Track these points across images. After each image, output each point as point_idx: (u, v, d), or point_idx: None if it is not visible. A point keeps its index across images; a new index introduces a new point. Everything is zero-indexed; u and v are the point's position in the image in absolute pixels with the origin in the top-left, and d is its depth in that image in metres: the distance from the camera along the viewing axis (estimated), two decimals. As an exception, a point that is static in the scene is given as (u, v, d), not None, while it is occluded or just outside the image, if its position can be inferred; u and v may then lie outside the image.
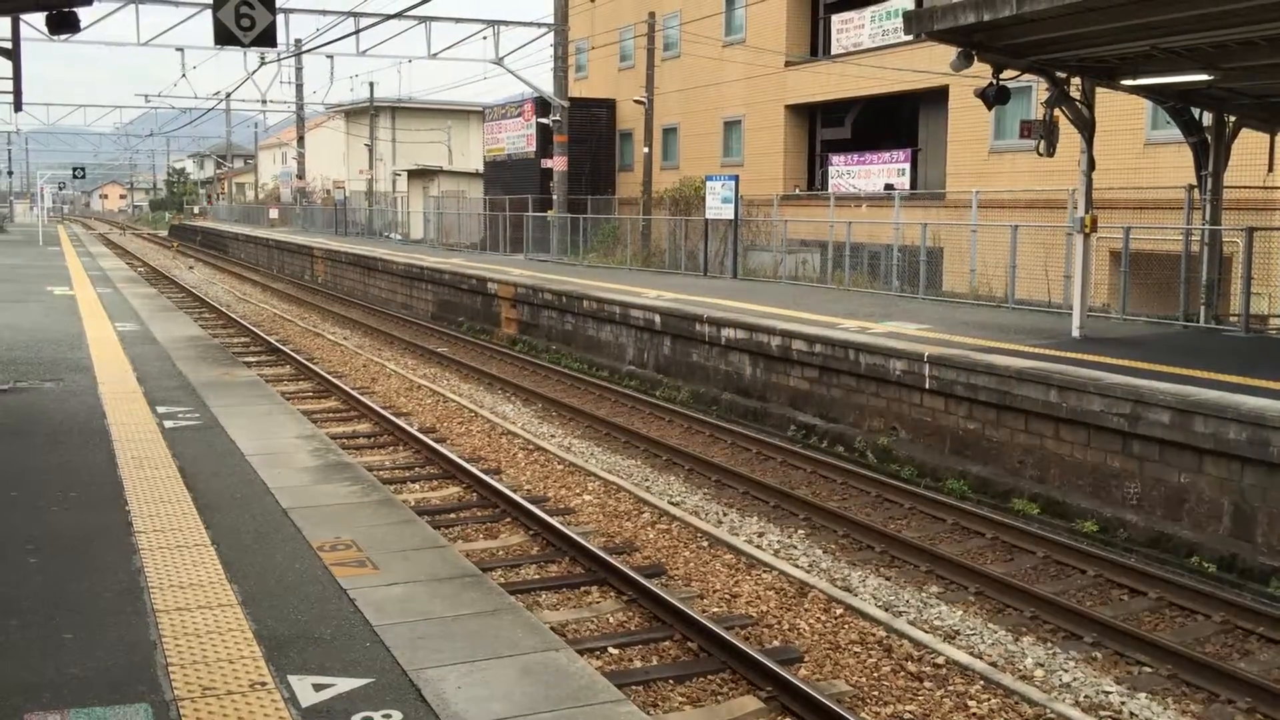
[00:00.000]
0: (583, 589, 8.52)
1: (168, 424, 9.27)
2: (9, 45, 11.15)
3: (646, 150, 31.89)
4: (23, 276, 25.82)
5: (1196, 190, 15.65)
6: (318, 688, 4.33)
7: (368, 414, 14.70)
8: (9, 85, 11.97)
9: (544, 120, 33.85)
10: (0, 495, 7.01)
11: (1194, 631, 8.16)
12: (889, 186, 25.91)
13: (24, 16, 11.67)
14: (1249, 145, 15.61)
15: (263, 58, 43.96)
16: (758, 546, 9.74)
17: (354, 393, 15.92)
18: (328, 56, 38.01)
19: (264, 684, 4.36)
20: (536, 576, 8.82)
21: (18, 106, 12.67)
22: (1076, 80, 13.67)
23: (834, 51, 28.86)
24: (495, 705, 4.24)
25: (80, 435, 8.78)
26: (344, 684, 4.37)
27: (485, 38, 31.88)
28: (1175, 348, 13.34)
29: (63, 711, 4.10)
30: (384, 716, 4.11)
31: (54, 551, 5.91)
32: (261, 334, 22.61)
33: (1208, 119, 15.30)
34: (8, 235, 50.56)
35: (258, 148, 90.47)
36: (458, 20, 31.78)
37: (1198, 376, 10.84)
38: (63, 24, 10.76)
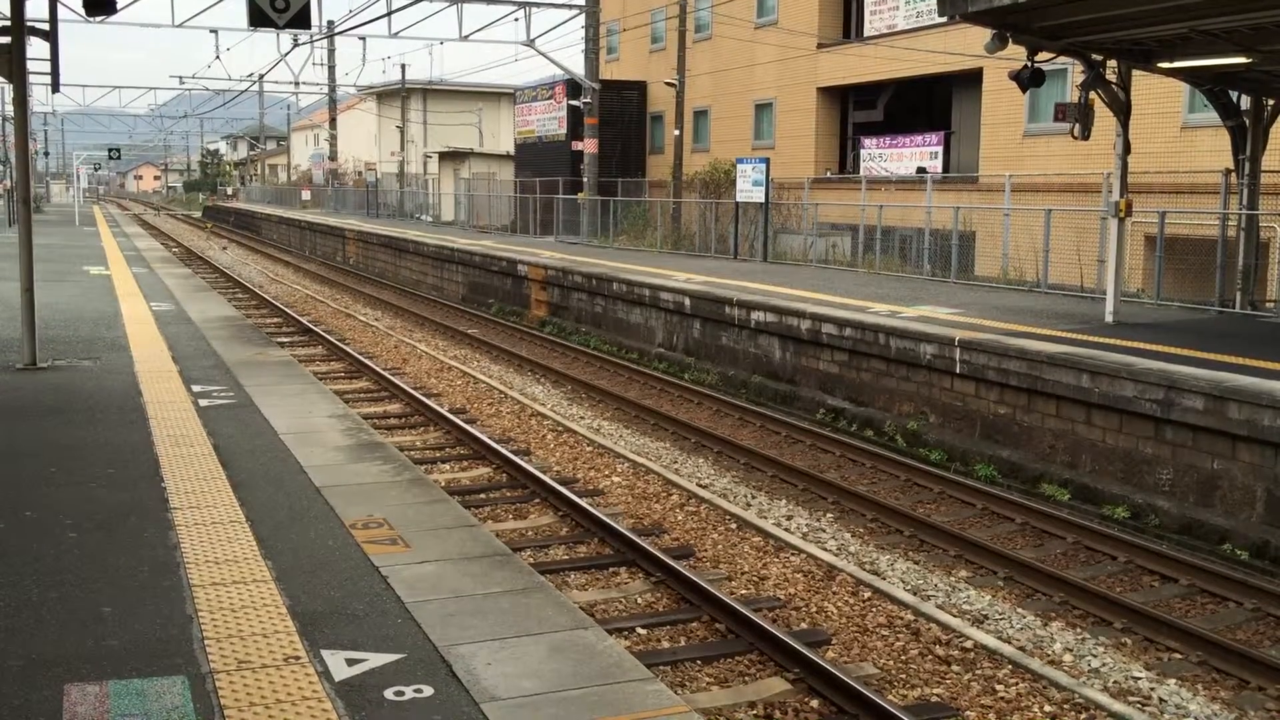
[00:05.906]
0: (611, 570, 8.57)
1: (203, 402, 9.39)
2: (46, 27, 11.24)
3: (677, 133, 31.78)
4: (60, 256, 26.11)
5: (1234, 174, 15.47)
6: (351, 662, 4.40)
7: (399, 394, 14.81)
8: (46, 67, 12.11)
9: (575, 102, 33.81)
10: (40, 471, 7.14)
11: (1225, 618, 8.12)
12: (921, 170, 25.73)
13: (61, -2, 11.78)
14: (1288, 129, 15.38)
15: (295, 39, 44.20)
16: (786, 529, 9.75)
17: (385, 373, 16.03)
18: (360, 38, 38.32)
19: (298, 658, 4.43)
20: (565, 557, 8.88)
21: (55, 88, 12.82)
22: (1112, 63, 13.53)
23: (867, 33, 28.66)
24: (525, 682, 4.29)
25: (117, 413, 8.91)
26: (376, 659, 4.43)
27: (517, 19, 31.97)
28: (1210, 333, 13.22)
29: (102, 683, 4.18)
30: (416, 691, 4.17)
31: (92, 526, 6.02)
32: (294, 315, 22.78)
33: (1246, 102, 15.11)
34: (44, 216, 51.07)
35: (290, 129, 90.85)
36: (489, 2, 31.79)
37: (1232, 362, 10.74)
38: (99, 5, 10.84)
